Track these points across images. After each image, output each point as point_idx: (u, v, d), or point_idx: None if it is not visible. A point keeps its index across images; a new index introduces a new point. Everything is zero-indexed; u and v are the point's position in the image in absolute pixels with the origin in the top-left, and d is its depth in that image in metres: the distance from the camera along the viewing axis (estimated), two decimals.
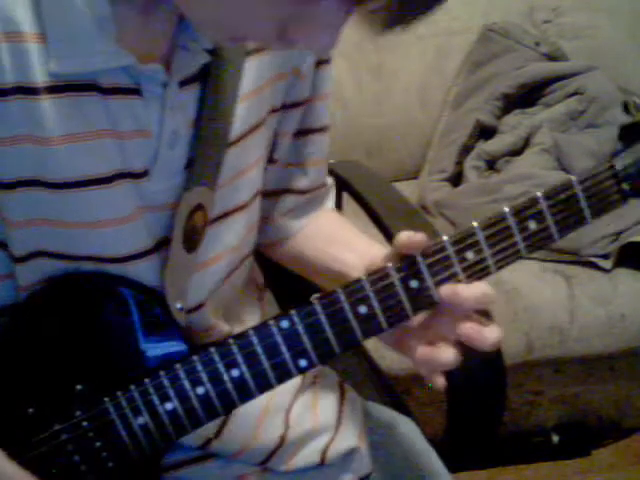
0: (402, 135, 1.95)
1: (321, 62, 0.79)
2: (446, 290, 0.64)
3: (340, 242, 0.83)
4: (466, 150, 1.83)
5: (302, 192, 0.86)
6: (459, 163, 1.82)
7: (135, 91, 0.64)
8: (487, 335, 0.64)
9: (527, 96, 1.86)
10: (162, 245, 0.69)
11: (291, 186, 0.85)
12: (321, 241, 0.85)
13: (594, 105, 1.78)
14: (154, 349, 0.68)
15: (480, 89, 1.88)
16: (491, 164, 1.80)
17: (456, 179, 1.82)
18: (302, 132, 0.82)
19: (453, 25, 1.93)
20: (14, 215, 0.64)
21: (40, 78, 0.59)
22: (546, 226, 0.65)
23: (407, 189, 1.78)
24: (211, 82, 0.68)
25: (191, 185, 0.68)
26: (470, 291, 0.64)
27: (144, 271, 0.68)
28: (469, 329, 0.64)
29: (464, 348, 0.93)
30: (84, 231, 0.65)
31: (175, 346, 0.69)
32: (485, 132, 1.85)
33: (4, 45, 0.58)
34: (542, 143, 1.75)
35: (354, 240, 0.83)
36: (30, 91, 0.59)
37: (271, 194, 0.84)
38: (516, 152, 1.79)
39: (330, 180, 0.91)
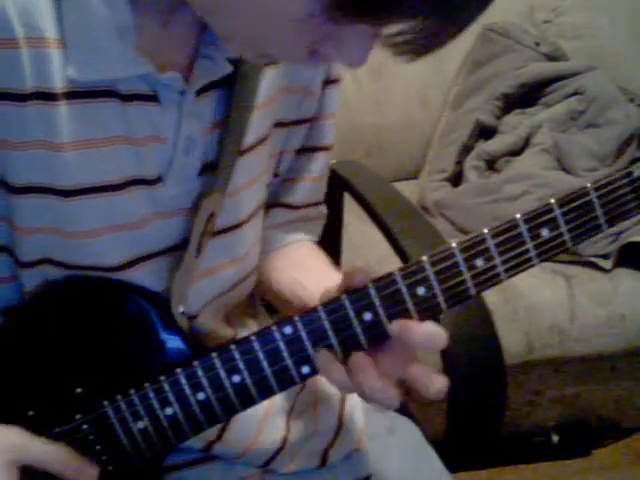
0: (402, 135, 1.95)
1: (329, 82, 0.79)
2: (397, 325, 0.62)
3: (302, 268, 0.82)
4: (466, 150, 1.83)
5: (295, 207, 0.85)
6: (459, 163, 1.82)
7: (152, 98, 0.64)
8: (434, 382, 0.61)
9: (527, 96, 1.86)
10: (169, 250, 0.69)
11: (285, 200, 0.84)
12: (286, 270, 0.83)
13: (594, 105, 1.78)
14: (173, 341, 0.68)
15: (480, 89, 1.88)
16: (491, 164, 1.80)
17: (456, 179, 1.82)
18: (306, 149, 0.82)
19: None
20: (23, 221, 0.64)
21: (59, 84, 0.59)
22: (559, 234, 0.62)
23: (407, 189, 1.78)
24: (234, 90, 0.68)
25: (211, 191, 0.68)
26: (421, 328, 0.61)
27: (147, 276, 0.68)
28: (417, 371, 0.62)
29: (464, 348, 0.93)
30: (88, 241, 0.65)
31: (172, 343, 0.69)
32: (485, 132, 1.85)
33: (26, 50, 0.58)
34: (542, 143, 1.75)
35: (316, 268, 0.81)
36: (48, 97, 0.59)
37: (269, 206, 0.84)
38: (516, 152, 1.79)
39: (324, 209, 0.89)
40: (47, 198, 0.63)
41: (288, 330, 0.64)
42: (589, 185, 0.63)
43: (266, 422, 0.80)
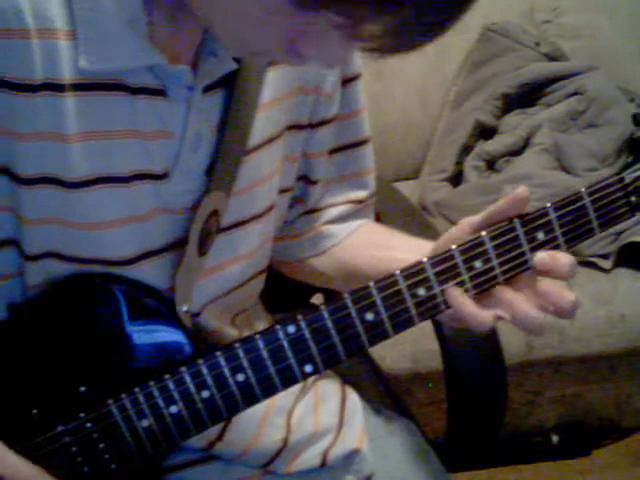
0: (402, 135, 1.95)
1: (348, 80, 0.79)
2: (543, 256, 0.64)
3: (390, 245, 0.82)
4: (466, 150, 1.83)
5: (362, 201, 0.86)
6: (459, 163, 1.82)
7: (160, 92, 0.64)
8: (567, 294, 0.63)
9: (527, 96, 1.86)
10: (173, 247, 0.69)
11: (354, 197, 0.85)
12: (370, 247, 0.83)
13: (594, 105, 1.78)
14: (142, 334, 0.68)
15: (480, 89, 1.88)
16: (491, 164, 1.80)
17: (456, 179, 1.82)
18: (345, 147, 0.82)
19: None
20: (29, 212, 0.64)
21: (68, 75, 0.60)
22: (554, 237, 0.65)
23: (407, 189, 1.78)
24: (236, 89, 0.68)
25: (212, 189, 0.68)
26: (567, 258, 0.64)
27: (152, 273, 0.69)
28: (549, 286, 0.64)
29: (464, 349, 0.93)
30: (95, 233, 0.65)
31: (170, 336, 0.69)
32: (485, 132, 1.85)
33: (36, 42, 0.58)
34: (542, 143, 1.75)
35: (404, 241, 0.82)
36: (57, 88, 0.60)
37: (320, 208, 0.84)
38: (516, 152, 1.79)
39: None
40: (54, 189, 0.63)
41: (291, 329, 0.65)
42: (583, 190, 0.64)
43: (266, 422, 0.80)
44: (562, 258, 0.64)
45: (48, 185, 0.63)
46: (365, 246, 0.84)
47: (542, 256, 0.64)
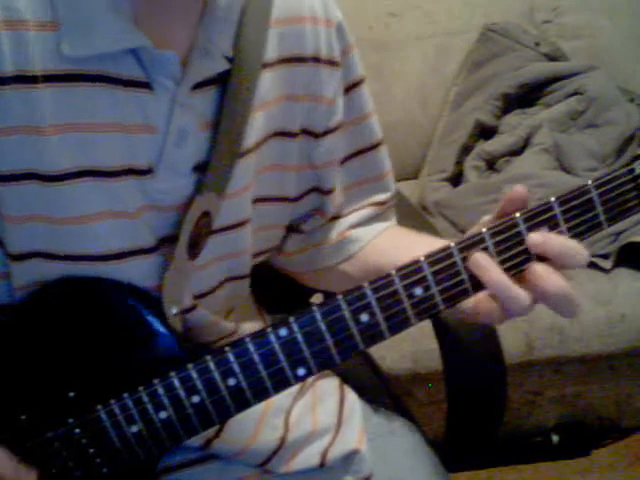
0: (402, 135, 1.94)
1: (351, 86, 0.79)
2: (536, 237, 0.61)
3: (414, 244, 0.80)
4: (466, 150, 1.83)
5: (381, 204, 0.85)
6: (459, 163, 1.82)
7: (145, 85, 0.63)
8: (554, 278, 0.60)
9: (527, 96, 1.85)
10: (163, 246, 0.69)
11: (377, 199, 0.84)
12: (394, 248, 0.82)
13: (594, 105, 1.78)
14: (165, 343, 0.68)
15: (480, 89, 1.87)
16: (491, 164, 1.80)
17: (456, 179, 1.82)
18: (360, 152, 0.81)
19: (453, 25, 1.93)
20: (10, 210, 0.63)
21: (41, 66, 0.59)
22: (559, 232, 0.62)
23: (407, 189, 1.78)
24: (230, 88, 0.67)
25: (203, 190, 0.68)
26: (559, 238, 0.61)
27: (141, 271, 0.68)
28: (539, 267, 0.61)
29: (464, 349, 0.93)
30: (78, 227, 0.64)
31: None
32: (485, 132, 1.85)
33: (4, 33, 0.58)
34: (542, 143, 1.75)
35: (425, 240, 0.80)
36: (29, 80, 0.59)
37: (343, 215, 0.84)
38: (516, 152, 1.79)
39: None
40: (35, 184, 0.62)
41: (283, 332, 0.64)
42: (590, 183, 0.62)
43: (264, 421, 0.80)
44: (554, 238, 0.61)
45: (28, 181, 0.62)
46: (390, 248, 0.83)
47: (533, 235, 0.61)
